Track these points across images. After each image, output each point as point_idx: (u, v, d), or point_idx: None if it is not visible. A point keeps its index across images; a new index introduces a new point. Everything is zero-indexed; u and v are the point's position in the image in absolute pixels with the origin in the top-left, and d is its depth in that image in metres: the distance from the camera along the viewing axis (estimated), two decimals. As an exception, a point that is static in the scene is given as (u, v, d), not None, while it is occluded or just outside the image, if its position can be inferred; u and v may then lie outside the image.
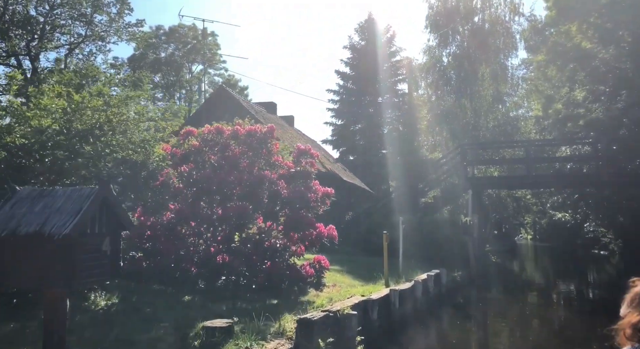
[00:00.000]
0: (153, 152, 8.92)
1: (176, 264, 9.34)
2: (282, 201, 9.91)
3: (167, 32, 54.37)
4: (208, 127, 10.13)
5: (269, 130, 10.57)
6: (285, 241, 10.34)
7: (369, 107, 34.51)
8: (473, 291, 16.96)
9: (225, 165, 10.01)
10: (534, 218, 64.51)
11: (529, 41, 32.95)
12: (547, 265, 31.94)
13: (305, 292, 9.82)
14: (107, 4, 39.98)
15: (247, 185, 9.69)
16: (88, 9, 38.92)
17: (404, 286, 10.94)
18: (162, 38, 54.69)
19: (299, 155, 10.81)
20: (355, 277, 13.14)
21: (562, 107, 28.84)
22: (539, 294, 18.10)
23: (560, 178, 22.19)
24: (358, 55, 34.73)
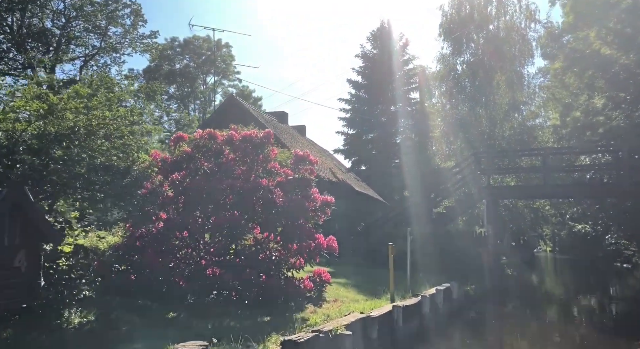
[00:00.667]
0: (138, 158, 8.33)
1: (165, 278, 8.70)
2: (277, 210, 9.22)
3: (181, 44, 54.43)
4: (200, 132, 9.52)
5: (266, 135, 9.94)
6: (281, 253, 9.66)
7: (382, 116, 33.82)
8: (487, 306, 16.03)
9: (218, 172, 9.38)
10: (553, 229, 62.97)
11: (545, 48, 32.03)
12: (566, 278, 30.68)
13: (302, 308, 9.10)
14: (121, 16, 40.19)
15: (240, 193, 9.04)
16: (103, 21, 39.08)
17: (409, 302, 10.16)
18: (177, 50, 54.76)
19: (297, 162, 10.15)
20: (360, 291, 12.37)
21: (581, 115, 27.81)
22: (558, 310, 17.10)
23: (579, 187, 21.17)
24: (370, 63, 34.13)
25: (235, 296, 8.88)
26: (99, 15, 38.27)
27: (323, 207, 10.03)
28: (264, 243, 9.83)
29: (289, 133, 32.99)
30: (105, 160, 7.59)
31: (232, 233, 8.92)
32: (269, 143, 9.93)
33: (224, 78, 56.88)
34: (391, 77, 33.70)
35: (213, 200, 9.01)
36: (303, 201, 9.49)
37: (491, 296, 17.46)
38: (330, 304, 9.95)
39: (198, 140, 9.43)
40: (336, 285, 13.09)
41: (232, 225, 8.71)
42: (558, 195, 21.41)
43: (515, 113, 34.78)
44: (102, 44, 39.81)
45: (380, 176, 32.92)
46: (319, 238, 9.83)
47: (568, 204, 39.69)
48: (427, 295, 10.84)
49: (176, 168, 9.53)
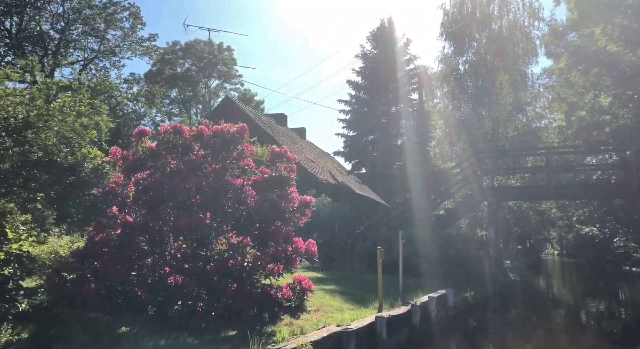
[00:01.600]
0: (87, 154, 7.47)
1: (122, 287, 7.81)
2: (248, 211, 8.30)
3: (183, 48, 53.75)
4: (164, 126, 8.62)
5: (239, 129, 9.03)
6: (256, 259, 8.75)
7: (382, 117, 32.88)
8: (487, 313, 15.00)
9: (184, 170, 8.49)
10: (560, 232, 61.71)
11: (549, 46, 31.05)
12: (573, 283, 29.49)
13: (277, 320, 8.17)
14: (120, 19, 39.64)
15: (207, 193, 8.13)
16: (102, 24, 38.53)
17: (396, 312, 9.19)
18: (179, 53, 54.09)
19: (273, 159, 9.24)
20: (348, 299, 11.43)
21: (587, 114, 26.81)
22: (563, 317, 16.03)
23: (585, 188, 20.09)
24: (370, 63, 33.22)
25: (201, 308, 7.96)
26: (98, 18, 37.72)
27: (302, 208, 9.11)
28: (240, 248, 8.93)
29: (288, 135, 32.14)
30: (44, 156, 6.75)
31: (199, 237, 8.01)
32: (243, 138, 9.02)
33: (225, 82, 56.19)
34: (392, 78, 32.77)
35: (176, 201, 8.12)
36: (278, 202, 8.57)
37: (492, 302, 16.44)
38: (310, 314, 9.01)
39: (162, 135, 8.53)
40: (323, 293, 12.17)
41: (197, 229, 7.80)
42: (562, 196, 20.37)
43: (519, 113, 33.80)
44: (101, 48, 39.27)
45: (382, 178, 31.96)
46: (297, 242, 8.90)
47: (575, 206, 38.58)
48: (417, 304, 9.87)
49: (141, 166, 8.65)
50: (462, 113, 33.41)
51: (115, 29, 39.32)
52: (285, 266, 8.93)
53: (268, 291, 8.62)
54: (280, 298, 8.88)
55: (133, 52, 41.45)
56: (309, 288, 9.59)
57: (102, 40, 39.34)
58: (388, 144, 32.14)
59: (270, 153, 9.23)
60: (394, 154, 32.21)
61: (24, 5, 34.96)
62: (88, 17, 37.81)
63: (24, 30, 35.65)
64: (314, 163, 30.30)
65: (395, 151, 32.16)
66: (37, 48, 37.06)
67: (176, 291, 7.77)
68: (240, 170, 8.82)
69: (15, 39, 35.35)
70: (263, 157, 9.32)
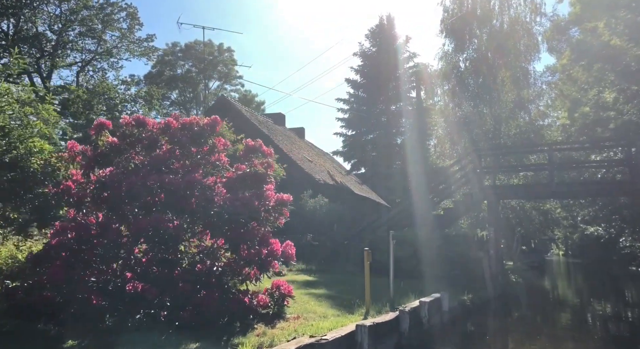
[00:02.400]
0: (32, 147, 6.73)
1: (75, 295, 7.05)
2: (216, 211, 7.54)
3: (183, 49, 53.16)
4: (126, 118, 7.87)
5: (211, 122, 8.29)
6: (229, 263, 8.00)
7: (381, 116, 32.03)
8: (486, 318, 14.14)
9: (148, 166, 7.74)
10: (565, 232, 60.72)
11: (551, 41, 30.13)
12: (577, 284, 28.52)
13: (248, 330, 7.39)
14: (117, 20, 39.05)
15: (172, 191, 7.38)
16: (99, 25, 37.96)
17: (382, 319, 8.40)
18: (179, 55, 53.50)
19: (247, 153, 8.48)
20: (336, 304, 10.65)
21: (590, 111, 25.90)
22: (567, 321, 15.16)
23: (588, 186, 19.12)
24: (369, 62, 32.40)
25: (164, 317, 7.20)
26: (95, 19, 37.13)
27: (279, 207, 8.34)
28: (212, 251, 8.19)
29: (285, 135, 31.38)
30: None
31: (162, 239, 7.26)
32: (214, 132, 8.27)
33: (226, 83, 55.58)
34: (391, 76, 31.94)
35: (138, 200, 7.37)
36: (251, 201, 7.80)
37: (492, 305, 15.59)
38: (288, 323, 8.23)
39: (124, 128, 7.77)
40: (310, 297, 11.41)
41: (158, 230, 7.03)
42: (565, 194, 19.47)
43: (521, 111, 32.92)
44: (98, 49, 38.67)
45: (381, 178, 31.16)
46: (273, 243, 8.13)
47: (579, 206, 37.61)
48: (406, 309, 9.07)
49: (104, 162, 7.90)
50: (463, 111, 32.59)
51: (113, 30, 38.73)
52: (260, 270, 8.17)
53: (240, 298, 7.86)
54: (255, 305, 8.12)
55: (131, 53, 40.84)
56: (289, 294, 8.81)
57: (99, 41, 38.73)
58: (388, 143, 31.29)
59: (244, 148, 8.47)
60: (393, 153, 31.36)
61: (20, 7, 34.42)
62: (85, 18, 37.23)
63: (19, 32, 35.10)
64: (312, 163, 29.54)
65: (395, 150, 31.30)
66: (34, 49, 36.49)
67: (136, 299, 7.02)
68: (211, 165, 8.05)
69: (12, 40, 34.81)
70: (237, 152, 8.56)
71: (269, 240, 8.19)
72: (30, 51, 35.92)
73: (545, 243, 69.02)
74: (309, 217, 23.29)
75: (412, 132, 30.18)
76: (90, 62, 39.25)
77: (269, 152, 8.58)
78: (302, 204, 23.57)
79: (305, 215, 23.30)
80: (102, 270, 7.54)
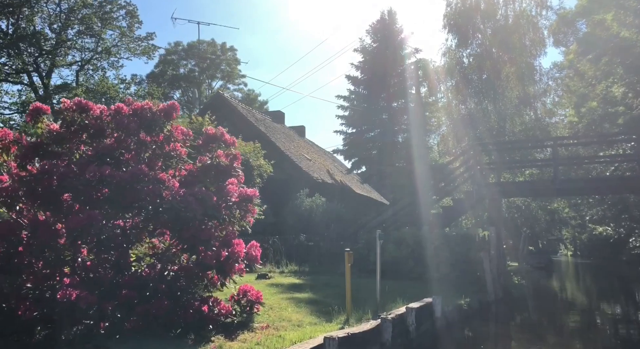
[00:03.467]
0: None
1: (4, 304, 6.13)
2: (164, 207, 6.56)
3: (185, 48, 52.43)
4: (66, 102, 6.91)
5: (168, 107, 7.35)
6: (183, 267, 7.03)
7: (382, 113, 30.98)
8: (485, 323, 13.03)
9: (92, 157, 6.79)
10: (573, 233, 59.33)
11: (557, 34, 28.90)
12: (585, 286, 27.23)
13: (202, 343, 6.41)
14: (116, 18, 38.34)
15: (116, 185, 6.42)
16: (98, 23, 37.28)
17: (361, 328, 7.38)
18: (181, 54, 52.78)
19: (206, 143, 7.51)
20: (317, 310, 9.66)
21: (598, 105, 24.70)
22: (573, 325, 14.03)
23: (594, 183, 17.90)
24: (370, 57, 31.35)
25: (103, 329, 6.25)
26: (94, 17, 36.42)
27: (243, 203, 7.35)
28: (167, 254, 7.24)
29: (284, 133, 30.43)
30: None
31: (101, 240, 6.30)
32: (170, 118, 7.31)
33: (229, 83, 54.75)
34: (392, 72, 30.86)
35: (76, 194, 6.42)
36: (208, 196, 6.82)
37: (492, 310, 14.50)
38: (253, 334, 7.24)
39: (65, 114, 6.82)
40: (290, 303, 10.41)
41: (92, 228, 6.06)
42: (570, 191, 18.25)
43: (526, 108, 31.73)
44: (98, 48, 37.96)
45: (382, 177, 30.11)
46: (236, 244, 7.16)
47: (587, 205, 36.35)
48: (388, 317, 8.04)
49: (44, 153, 6.95)
50: (467, 108, 31.50)
51: (113, 29, 37.99)
52: (220, 274, 7.20)
53: (197, 306, 6.88)
54: (216, 314, 7.15)
55: (132, 53, 40.05)
56: (259, 300, 7.83)
57: (99, 40, 38.01)
58: (389, 141, 30.22)
59: (204, 136, 7.50)
60: (395, 151, 30.29)
61: (19, 5, 33.80)
62: (85, 17, 36.54)
63: (17, 30, 34.47)
64: (311, 162, 28.58)
65: (397, 148, 30.23)
66: (32, 48, 35.84)
67: (70, 308, 6.05)
68: (165, 157, 7.09)
69: (10, 38, 34.18)
70: (197, 141, 7.60)
71: (231, 240, 7.22)
72: (29, 50, 35.30)
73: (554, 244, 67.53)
74: (305, 217, 22.34)
75: (412, 129, 29.11)
76: (90, 61, 38.55)
77: (232, 140, 7.61)
78: (298, 203, 22.62)
79: (301, 214, 22.36)
80: (45, 275, 6.59)
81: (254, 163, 13.18)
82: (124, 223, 7.16)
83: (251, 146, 13.55)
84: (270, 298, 10.83)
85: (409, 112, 30.65)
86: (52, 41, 36.42)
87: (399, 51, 31.51)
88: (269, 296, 11.13)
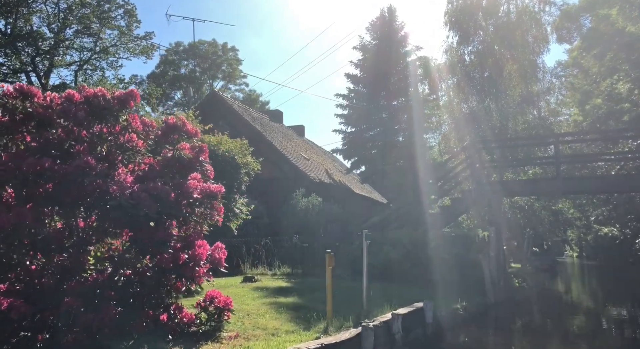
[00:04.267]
0: None
1: None
2: (113, 205, 5.83)
3: (186, 49, 51.78)
4: (7, 88, 6.19)
5: (124, 95, 6.62)
6: (137, 272, 6.30)
7: (382, 111, 30.12)
8: (480, 330, 12.18)
9: (38, 149, 6.07)
10: (579, 234, 58.19)
11: (560, 30, 27.97)
12: (589, 288, 26.29)
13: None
14: (114, 18, 37.79)
15: (57, 179, 5.70)
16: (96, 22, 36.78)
17: (338, 338, 6.64)
18: (182, 55, 52.15)
19: (166, 133, 6.78)
20: (297, 317, 8.92)
21: (603, 102, 23.80)
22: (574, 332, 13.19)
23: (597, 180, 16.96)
24: (369, 55, 30.51)
25: (41, 341, 5.53)
26: (92, 16, 35.88)
27: (207, 201, 6.61)
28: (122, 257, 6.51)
29: (282, 132, 29.71)
30: None
31: (36, 242, 5.58)
32: (126, 107, 6.58)
33: (230, 83, 54.05)
34: (392, 70, 30.00)
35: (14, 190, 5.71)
36: (165, 192, 6.09)
37: (490, 315, 13.72)
38: (219, 345, 6.51)
39: (6, 101, 6.10)
40: (270, 308, 9.68)
41: (25, 229, 5.34)
42: (572, 189, 17.31)
43: (529, 106, 30.80)
44: (96, 47, 37.43)
45: (381, 176, 29.26)
46: (199, 246, 6.42)
47: (592, 205, 35.34)
48: (370, 325, 7.27)
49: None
50: (468, 106, 30.61)
51: (111, 28, 37.43)
52: (183, 279, 6.47)
53: (152, 315, 6.15)
54: (175, 324, 6.42)
55: (131, 52, 39.45)
56: (227, 307, 7.09)
57: (97, 40, 37.47)
58: (389, 140, 29.36)
59: (163, 126, 6.77)
60: (395, 150, 29.42)
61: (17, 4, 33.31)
62: (83, 16, 36.03)
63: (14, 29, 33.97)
64: (308, 162, 27.86)
65: (397, 147, 29.36)
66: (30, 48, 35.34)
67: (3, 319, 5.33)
68: (117, 147, 6.36)
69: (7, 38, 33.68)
70: (155, 132, 6.86)
71: (192, 242, 6.49)
72: (26, 50, 34.82)
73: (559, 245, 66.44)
74: (301, 217, 21.59)
75: (412, 127, 28.30)
76: (88, 61, 38.04)
77: (194, 131, 6.88)
78: (294, 203, 21.90)
79: (296, 215, 21.63)
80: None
81: (240, 160, 12.45)
82: (85, 223, 6.46)
83: (237, 142, 12.83)
84: (251, 303, 10.11)
85: (409, 110, 29.81)
86: (50, 41, 35.93)
87: (399, 49, 30.63)
88: (250, 301, 10.41)
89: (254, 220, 22.76)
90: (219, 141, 12.43)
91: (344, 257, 17.58)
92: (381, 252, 16.41)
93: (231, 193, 12.48)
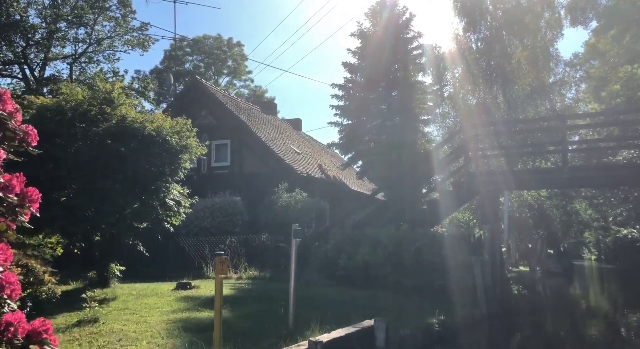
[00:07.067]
0: None
1: None
2: None
3: (190, 43, 49.96)
4: None
5: None
6: None
7: (381, 102, 27.62)
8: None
9: None
10: (597, 235, 54.70)
11: (574, 11, 25.15)
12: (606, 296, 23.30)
13: None
14: (109, 8, 36.17)
15: None
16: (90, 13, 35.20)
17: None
18: (186, 50, 50.39)
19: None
20: (181, 345, 6.58)
21: (620, 89, 21.00)
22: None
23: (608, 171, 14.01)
24: (368, 42, 28.00)
25: None
26: (86, 6, 34.26)
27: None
28: None
29: (273, 124, 27.40)
30: None
31: None
32: None
33: (235, 79, 52.03)
34: (393, 58, 27.48)
35: None
36: None
37: (479, 331, 11.18)
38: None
39: None
40: (168, 327, 7.37)
41: None
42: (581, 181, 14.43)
43: (541, 97, 28.06)
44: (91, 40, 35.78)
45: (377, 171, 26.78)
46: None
47: (610, 205, 32.33)
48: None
49: None
50: (475, 96, 28.07)
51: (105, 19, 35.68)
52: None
53: None
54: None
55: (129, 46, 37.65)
56: (47, 339, 4.73)
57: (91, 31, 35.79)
58: (388, 132, 26.85)
59: None
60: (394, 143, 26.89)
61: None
62: (76, 7, 34.40)
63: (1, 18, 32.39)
64: (299, 155, 25.51)
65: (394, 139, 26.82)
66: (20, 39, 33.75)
67: None
68: None
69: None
70: None
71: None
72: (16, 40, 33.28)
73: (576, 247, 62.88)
74: (281, 214, 19.26)
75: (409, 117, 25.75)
76: (83, 54, 36.40)
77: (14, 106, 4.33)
78: (274, 199, 19.58)
79: (276, 211, 19.31)
80: None
81: (174, 141, 10.16)
82: None
83: (174, 121, 10.56)
84: (151, 319, 7.78)
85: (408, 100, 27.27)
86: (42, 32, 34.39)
87: (400, 36, 28.11)
88: (154, 317, 8.05)
89: (231, 216, 20.58)
90: (145, 119, 10.17)
91: (317, 260, 15.24)
92: (358, 254, 14.02)
93: (160, 181, 10.15)
